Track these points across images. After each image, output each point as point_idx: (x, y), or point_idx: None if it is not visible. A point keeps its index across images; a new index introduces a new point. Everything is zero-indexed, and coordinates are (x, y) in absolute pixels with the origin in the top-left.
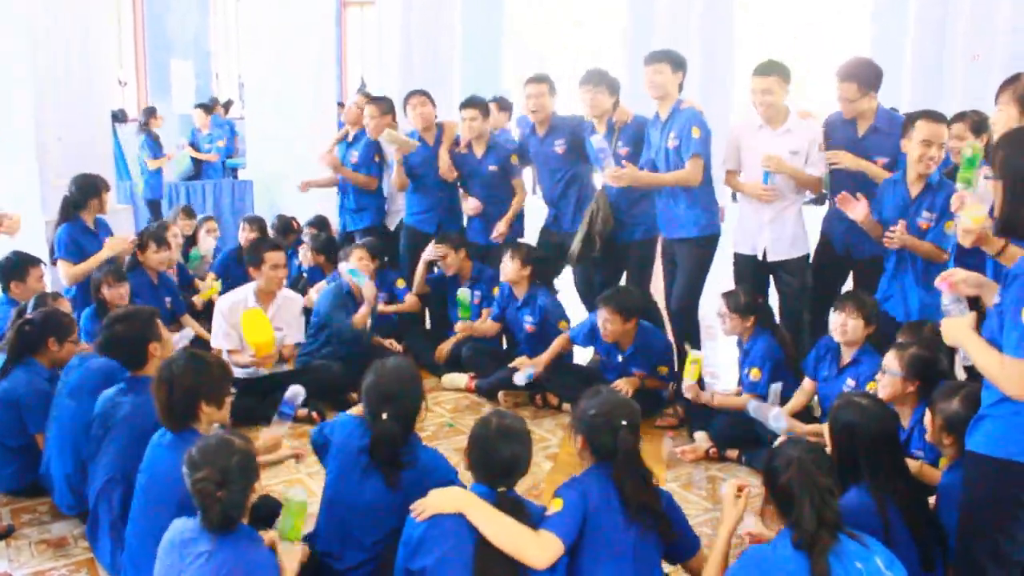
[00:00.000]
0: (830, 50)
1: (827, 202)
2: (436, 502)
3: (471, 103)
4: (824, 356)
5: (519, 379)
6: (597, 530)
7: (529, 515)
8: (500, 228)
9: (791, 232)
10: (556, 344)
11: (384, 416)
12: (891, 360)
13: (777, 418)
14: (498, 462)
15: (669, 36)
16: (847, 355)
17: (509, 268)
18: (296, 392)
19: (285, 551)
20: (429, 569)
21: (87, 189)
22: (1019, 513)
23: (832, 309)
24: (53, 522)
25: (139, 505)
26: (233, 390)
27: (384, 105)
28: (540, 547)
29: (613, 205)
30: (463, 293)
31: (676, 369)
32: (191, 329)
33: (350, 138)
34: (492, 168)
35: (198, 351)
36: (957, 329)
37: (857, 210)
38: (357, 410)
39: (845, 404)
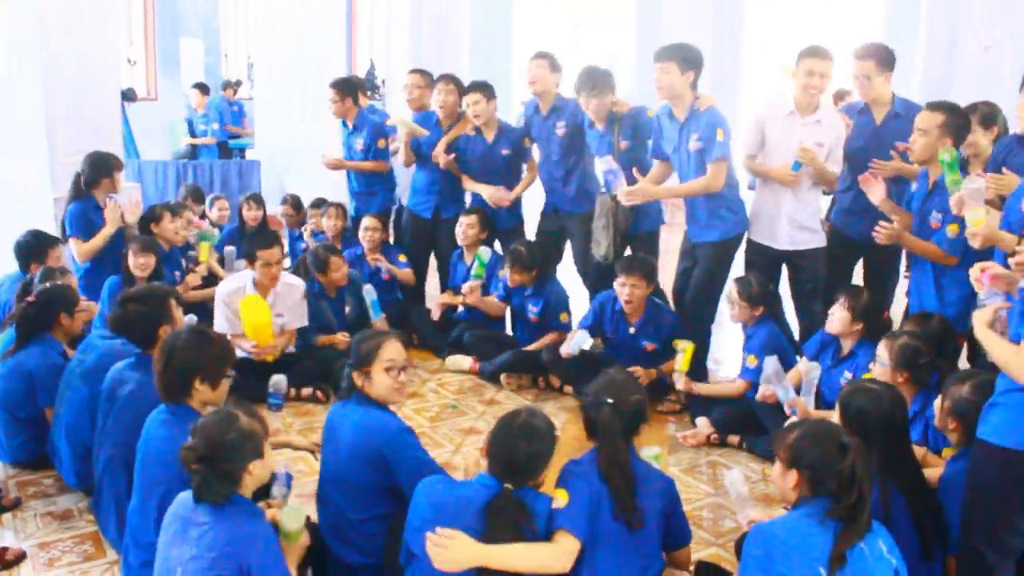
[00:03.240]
0: (842, 40)
1: (833, 193)
2: (448, 561)
3: (474, 87)
4: (826, 346)
5: (575, 347)
6: (594, 516)
7: (529, 514)
8: (504, 195)
9: (807, 223)
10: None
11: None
12: (882, 350)
13: (788, 392)
14: (513, 459)
15: (678, 26)
16: (845, 347)
17: (513, 279)
18: (279, 381)
19: (286, 550)
20: (425, 556)
21: (100, 167)
22: (1022, 503)
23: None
24: (59, 495)
25: (138, 482)
26: (232, 373)
27: (342, 88)
28: (560, 555)
29: None
30: (484, 251)
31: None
32: (193, 317)
33: (350, 125)
34: (504, 152)
35: (205, 328)
36: (976, 322)
37: (876, 191)
38: None
39: (857, 389)
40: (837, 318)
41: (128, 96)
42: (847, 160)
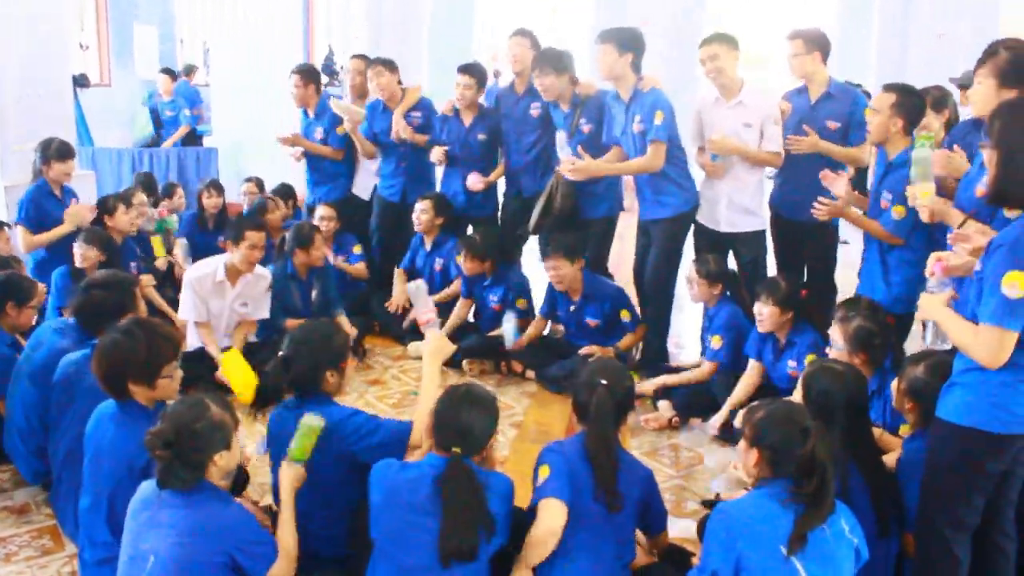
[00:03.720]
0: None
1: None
2: None
3: (468, 70)
4: (765, 341)
5: (508, 336)
6: (574, 498)
7: (479, 485)
8: (478, 180)
9: (747, 205)
10: (533, 326)
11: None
12: (835, 334)
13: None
14: (457, 425)
15: (638, 12)
16: (782, 339)
17: (468, 267)
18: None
19: (285, 469)
20: (381, 541)
21: (43, 151)
22: (979, 481)
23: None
24: (15, 489)
25: (88, 479)
26: (174, 371)
27: (306, 75)
28: (552, 518)
29: (575, 182)
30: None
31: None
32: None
33: (311, 113)
34: (480, 137)
35: (138, 324)
36: (932, 304)
37: (838, 185)
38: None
39: (820, 369)
40: (767, 315)
41: (81, 82)
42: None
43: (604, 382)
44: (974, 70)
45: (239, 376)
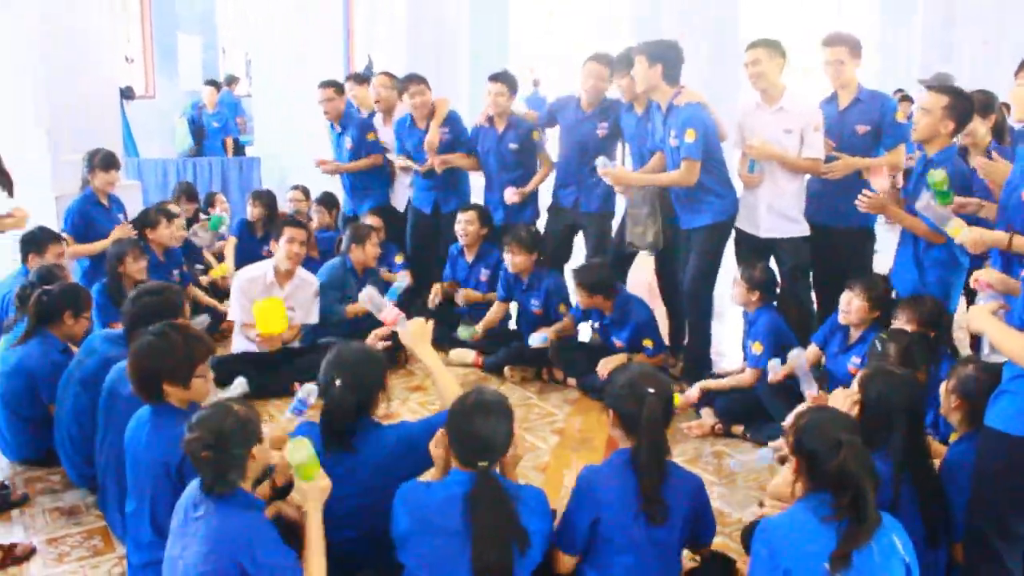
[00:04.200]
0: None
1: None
2: None
3: (499, 78)
4: (834, 332)
5: (535, 340)
6: (611, 521)
7: (508, 497)
8: (514, 193)
9: (787, 211)
10: (563, 322)
11: (337, 383)
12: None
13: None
14: (475, 437)
15: (677, 15)
16: (855, 334)
17: (514, 261)
18: (309, 390)
19: (305, 489)
20: (413, 567)
21: (89, 160)
22: None
23: (846, 287)
24: (66, 491)
25: (130, 485)
26: (207, 371)
27: (338, 87)
28: (560, 566)
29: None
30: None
31: (676, 342)
32: (206, 316)
33: (337, 128)
34: (512, 146)
35: (173, 327)
36: (978, 315)
37: (880, 180)
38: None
39: (879, 373)
40: (855, 308)
41: (126, 94)
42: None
43: (652, 391)
44: (1016, 73)
45: (268, 317)
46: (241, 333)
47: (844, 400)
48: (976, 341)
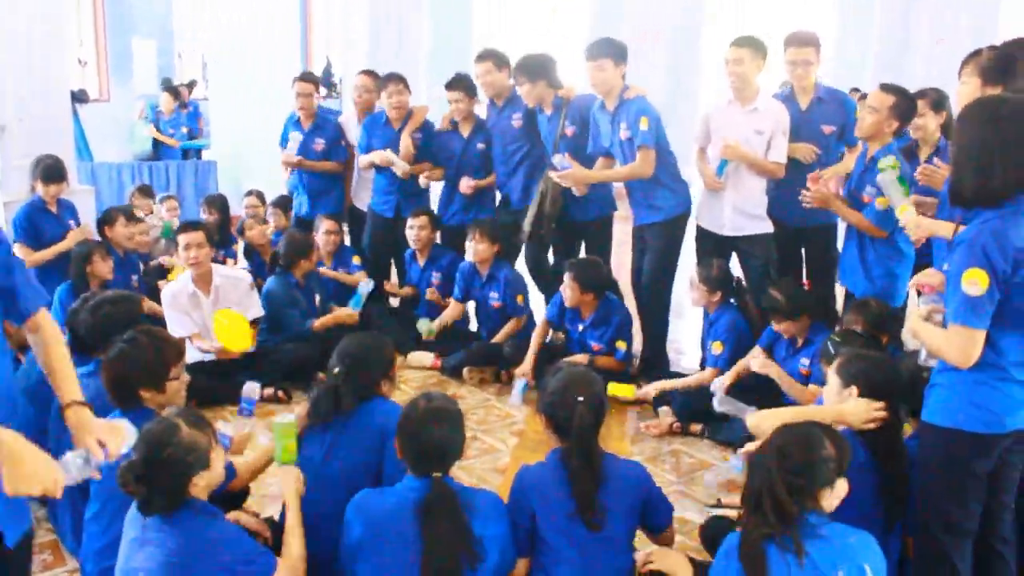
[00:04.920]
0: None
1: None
2: None
3: (454, 85)
4: (779, 337)
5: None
6: (546, 521)
7: (460, 507)
8: (468, 186)
9: (752, 208)
10: (537, 334)
11: (336, 371)
12: (830, 375)
13: (748, 412)
14: (428, 446)
15: (638, 15)
16: (800, 338)
17: (479, 248)
18: (252, 388)
19: (283, 473)
20: (372, 573)
21: (34, 169)
22: (968, 482)
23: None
24: None
25: (93, 489)
26: (180, 374)
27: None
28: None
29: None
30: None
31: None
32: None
33: (306, 126)
34: (480, 147)
35: (144, 333)
36: (911, 319)
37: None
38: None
39: (858, 357)
40: (783, 328)
41: (80, 98)
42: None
43: (580, 399)
44: (959, 71)
45: (228, 332)
46: (192, 345)
47: (866, 408)
48: None
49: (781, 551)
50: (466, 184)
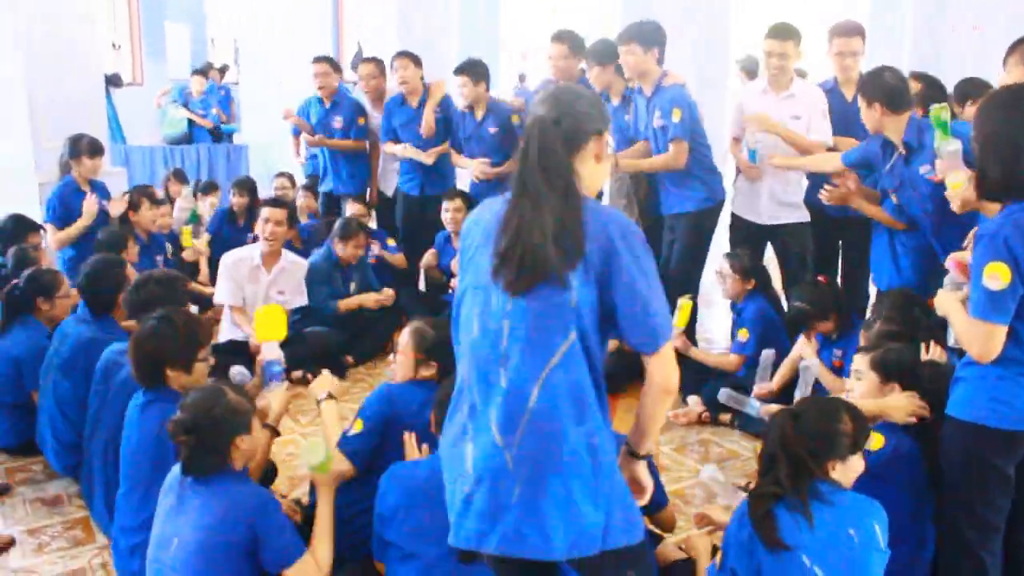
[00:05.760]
0: (828, 17)
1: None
2: None
3: (460, 70)
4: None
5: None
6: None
7: None
8: (486, 168)
9: (791, 197)
10: None
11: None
12: (860, 362)
13: (753, 407)
14: None
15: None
16: (834, 332)
17: None
18: (239, 370)
19: (320, 479)
20: (403, 541)
21: (71, 147)
22: (991, 476)
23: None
24: (48, 481)
25: (124, 469)
26: (208, 356)
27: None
28: None
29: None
30: None
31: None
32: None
33: (327, 104)
34: (492, 130)
35: (173, 311)
36: (944, 301)
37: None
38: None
39: (894, 349)
40: (818, 329)
41: (113, 81)
42: None
43: None
44: (1004, 59)
45: (268, 325)
46: (230, 319)
47: (908, 402)
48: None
49: (790, 512)
50: (480, 170)
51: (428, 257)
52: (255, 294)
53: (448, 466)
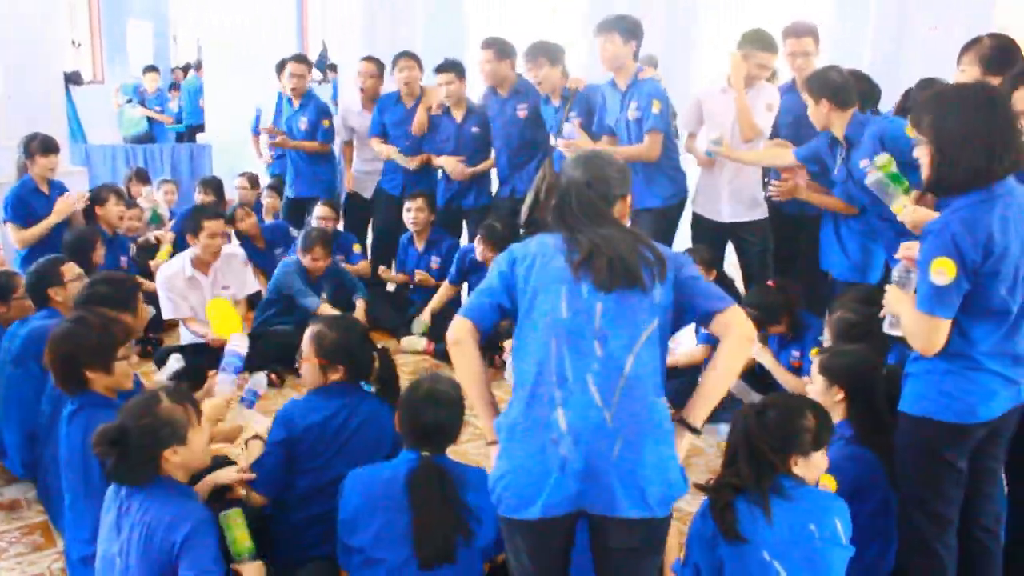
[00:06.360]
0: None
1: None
2: None
3: (446, 67)
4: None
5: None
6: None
7: (452, 483)
8: (461, 168)
9: (750, 194)
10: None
11: None
12: (814, 362)
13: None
14: (422, 426)
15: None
16: (789, 332)
17: (485, 255)
18: (258, 381)
19: (246, 571)
20: (367, 546)
21: (25, 147)
22: (943, 471)
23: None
24: (5, 486)
25: (63, 480)
26: (127, 353)
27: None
28: None
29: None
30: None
31: None
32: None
33: (295, 105)
34: (474, 130)
35: (88, 311)
36: (895, 296)
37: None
38: None
39: (835, 353)
40: (772, 331)
41: (73, 79)
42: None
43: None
44: (957, 59)
45: (223, 320)
46: (185, 326)
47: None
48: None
49: (749, 505)
50: (460, 171)
51: (383, 272)
52: (201, 300)
53: (527, 439)
